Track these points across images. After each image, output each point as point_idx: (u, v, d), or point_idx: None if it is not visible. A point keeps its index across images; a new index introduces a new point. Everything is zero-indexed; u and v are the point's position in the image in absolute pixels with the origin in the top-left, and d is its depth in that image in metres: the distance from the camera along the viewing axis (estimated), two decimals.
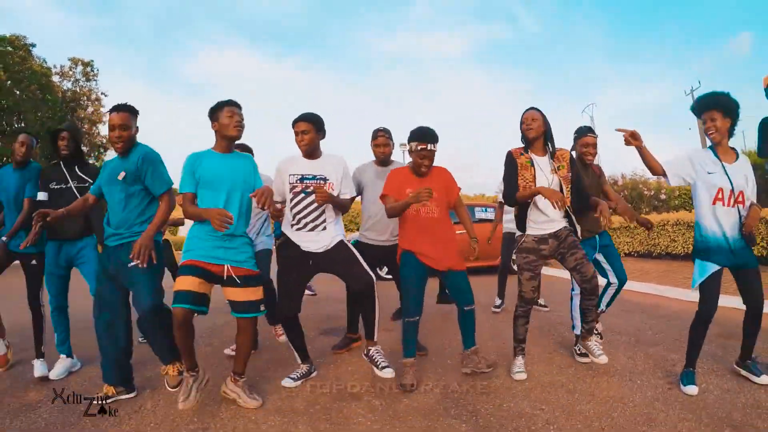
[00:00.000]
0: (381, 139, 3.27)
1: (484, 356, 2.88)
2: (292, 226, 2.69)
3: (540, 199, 2.61)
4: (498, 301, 4.79)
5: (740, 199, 2.35)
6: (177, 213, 3.35)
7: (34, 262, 3.12)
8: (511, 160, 2.71)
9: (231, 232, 2.32)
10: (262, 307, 2.48)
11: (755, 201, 2.40)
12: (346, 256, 2.68)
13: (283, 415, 2.30)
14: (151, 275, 2.40)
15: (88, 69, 22.35)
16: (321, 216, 2.66)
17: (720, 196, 2.37)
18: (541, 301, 4.68)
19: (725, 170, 2.37)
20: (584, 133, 3.20)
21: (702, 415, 2.11)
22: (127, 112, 2.46)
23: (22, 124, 18.90)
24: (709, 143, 2.52)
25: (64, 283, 3.04)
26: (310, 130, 2.66)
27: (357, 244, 3.12)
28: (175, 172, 2.57)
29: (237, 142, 2.61)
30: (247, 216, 2.51)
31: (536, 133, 2.65)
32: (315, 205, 2.63)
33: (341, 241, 2.71)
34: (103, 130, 23.32)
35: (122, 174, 2.45)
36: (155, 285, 2.42)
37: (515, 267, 3.12)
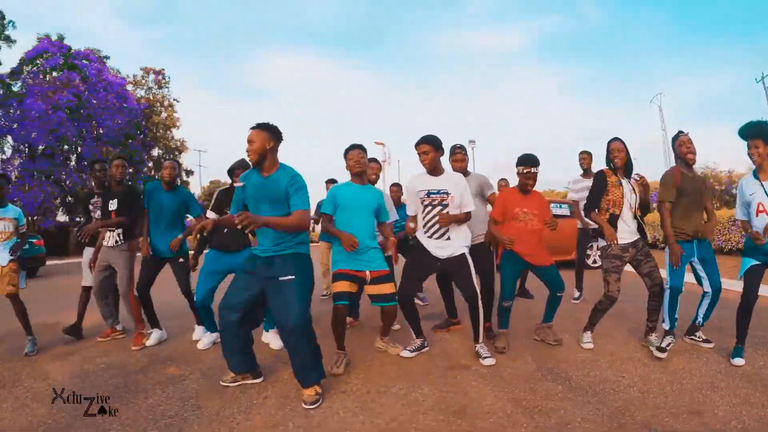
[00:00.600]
0: (459, 155, 3.84)
1: (554, 332, 3.61)
2: (424, 233, 3.29)
3: (625, 214, 3.25)
4: (576, 293, 5.32)
5: None
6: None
7: (181, 260, 4.01)
8: (603, 179, 3.31)
9: (361, 247, 3.11)
10: (396, 297, 3.28)
11: None
12: (463, 269, 3.25)
13: (406, 380, 2.88)
14: (304, 290, 2.63)
15: (160, 77, 24.24)
16: (445, 228, 3.23)
17: (761, 209, 2.94)
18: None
19: (764, 188, 2.95)
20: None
21: (758, 384, 2.65)
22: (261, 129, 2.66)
23: (101, 131, 20.72)
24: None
25: (213, 288, 3.67)
26: (430, 150, 3.21)
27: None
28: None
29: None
30: (372, 233, 3.30)
31: (621, 162, 3.28)
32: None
33: (463, 254, 3.27)
34: (177, 134, 25.26)
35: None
36: (306, 300, 2.63)
37: (589, 262, 3.76)
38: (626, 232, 3.26)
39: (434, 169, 3.28)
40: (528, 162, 3.46)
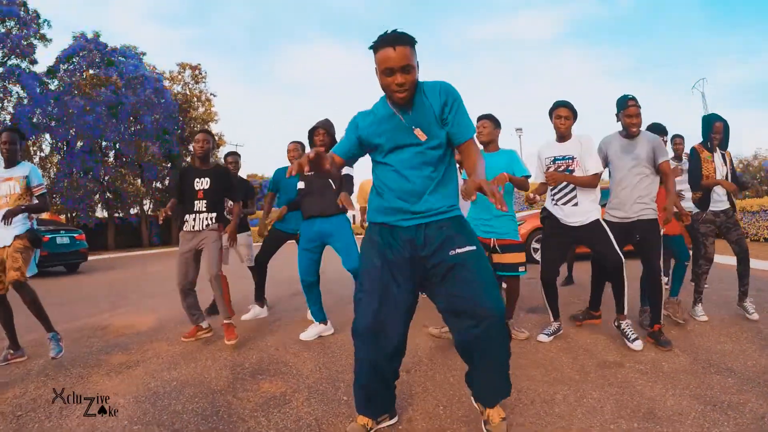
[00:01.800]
0: (632, 109, 2.92)
1: (683, 309, 3.44)
2: (552, 202, 3.12)
3: (718, 187, 3.41)
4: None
5: None
6: None
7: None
8: (696, 155, 3.47)
9: (496, 214, 3.01)
10: (522, 269, 3.07)
11: None
12: (600, 235, 2.90)
13: (564, 384, 2.33)
14: (487, 264, 1.79)
15: (197, 72, 23.93)
16: (572, 192, 2.98)
17: None
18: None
19: None
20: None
21: None
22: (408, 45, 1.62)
23: (139, 126, 20.55)
24: None
25: (311, 262, 3.35)
26: (570, 116, 2.99)
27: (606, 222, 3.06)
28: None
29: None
30: (507, 199, 3.07)
31: (718, 141, 3.47)
32: (565, 182, 2.96)
33: (597, 220, 2.93)
34: (215, 128, 24.96)
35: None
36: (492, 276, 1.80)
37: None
38: (717, 201, 3.47)
39: (564, 136, 3.05)
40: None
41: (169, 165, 22.16)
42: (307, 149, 3.83)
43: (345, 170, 3.28)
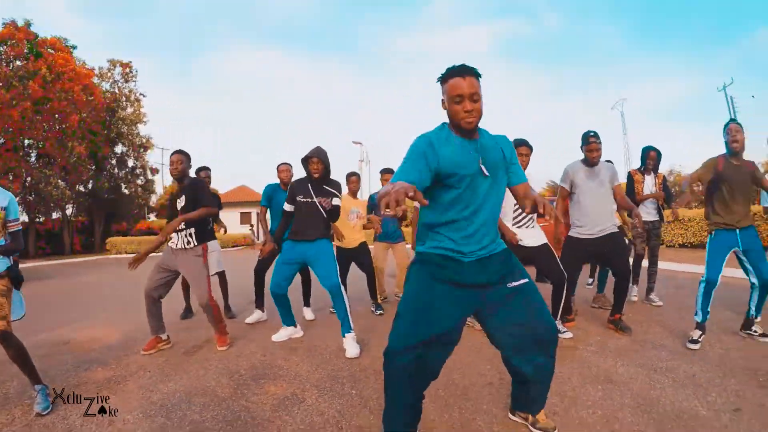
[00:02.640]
0: (593, 144, 3.46)
1: (608, 301, 4.47)
2: (513, 224, 3.44)
3: (649, 201, 4.53)
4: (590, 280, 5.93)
5: None
6: None
7: None
8: (630, 178, 4.53)
9: None
10: None
11: None
12: (549, 255, 3.35)
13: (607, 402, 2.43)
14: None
15: (127, 70, 22.52)
16: (530, 218, 3.45)
17: None
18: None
19: None
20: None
21: None
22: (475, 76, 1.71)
23: (65, 125, 18.97)
24: None
25: (287, 277, 3.46)
26: (529, 153, 3.46)
27: (569, 239, 3.60)
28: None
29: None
30: None
31: (652, 166, 4.51)
32: None
33: (546, 243, 3.39)
34: (143, 130, 23.54)
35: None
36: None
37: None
38: (646, 213, 4.47)
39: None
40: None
41: (93, 167, 20.56)
42: (295, 170, 4.41)
43: (335, 201, 3.49)
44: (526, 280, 1.81)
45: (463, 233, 1.73)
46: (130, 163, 23.15)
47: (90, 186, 21.56)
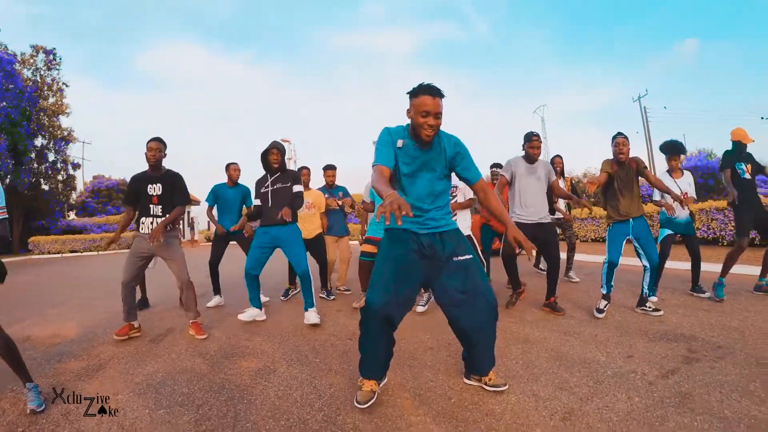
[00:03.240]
0: (535, 142, 4.03)
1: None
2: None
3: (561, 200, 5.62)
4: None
5: (686, 196, 4.41)
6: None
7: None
8: None
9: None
10: None
11: (694, 195, 4.60)
12: (472, 244, 3.97)
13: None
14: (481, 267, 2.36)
15: (51, 57, 20.97)
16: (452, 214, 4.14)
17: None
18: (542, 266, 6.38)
19: (676, 183, 4.54)
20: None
21: None
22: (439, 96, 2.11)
23: None
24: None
25: (260, 259, 3.90)
26: None
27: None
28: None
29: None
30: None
31: (560, 171, 5.70)
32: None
33: (469, 235, 4.14)
34: (65, 122, 22.00)
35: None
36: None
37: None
38: (558, 211, 5.56)
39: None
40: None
41: (12, 163, 19.02)
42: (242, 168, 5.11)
43: (296, 188, 3.87)
44: (471, 256, 2.25)
45: (415, 214, 2.19)
46: (51, 157, 21.57)
47: (8, 181, 19.92)
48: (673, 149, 4.56)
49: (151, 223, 3.56)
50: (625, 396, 2.22)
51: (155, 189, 3.59)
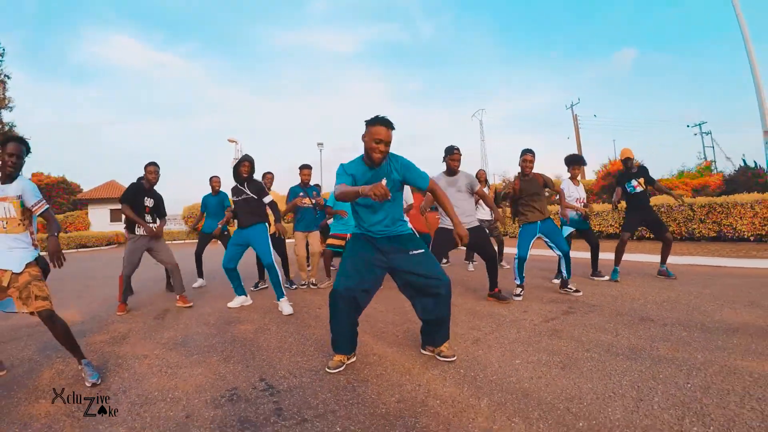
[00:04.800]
0: (456, 155, 4.42)
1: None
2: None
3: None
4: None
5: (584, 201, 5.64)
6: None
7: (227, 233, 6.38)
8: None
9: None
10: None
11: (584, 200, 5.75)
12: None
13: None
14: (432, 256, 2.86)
15: None
16: None
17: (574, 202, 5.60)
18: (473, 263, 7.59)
19: (576, 189, 5.65)
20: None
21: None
22: None
23: None
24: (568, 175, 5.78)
25: (235, 256, 4.69)
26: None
27: (440, 230, 4.53)
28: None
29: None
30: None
31: (484, 180, 7.28)
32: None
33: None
34: (7, 116, 20.93)
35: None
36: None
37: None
38: (482, 213, 6.95)
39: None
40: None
41: None
42: (224, 181, 6.52)
43: (267, 198, 4.78)
44: (423, 250, 2.83)
45: (369, 222, 2.81)
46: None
47: None
48: (574, 161, 5.61)
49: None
50: (515, 331, 3.41)
51: (149, 201, 4.91)
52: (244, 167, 4.75)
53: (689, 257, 7.23)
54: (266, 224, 4.78)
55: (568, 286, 4.79)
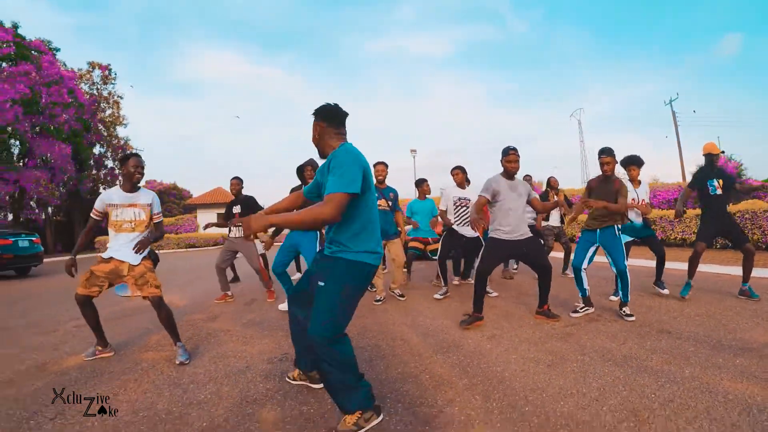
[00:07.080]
0: (512, 156, 4.13)
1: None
2: (455, 223, 5.60)
3: (555, 210, 7.21)
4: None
5: (643, 203, 5.15)
6: None
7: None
8: (545, 193, 7.20)
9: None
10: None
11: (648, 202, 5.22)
12: (480, 245, 5.31)
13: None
14: (330, 298, 2.16)
15: (106, 72, 23.97)
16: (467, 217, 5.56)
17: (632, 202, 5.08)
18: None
19: (636, 191, 5.17)
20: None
21: None
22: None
23: (51, 127, 20.27)
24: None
25: (285, 260, 4.63)
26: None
27: (491, 240, 4.24)
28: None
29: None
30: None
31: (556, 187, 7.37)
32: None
33: (478, 237, 5.53)
34: (122, 132, 24.94)
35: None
36: (333, 310, 2.15)
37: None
38: (552, 220, 7.19)
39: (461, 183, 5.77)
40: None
41: (76, 169, 21.98)
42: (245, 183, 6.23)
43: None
44: (323, 283, 2.19)
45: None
46: (109, 164, 24.64)
47: (69, 185, 22.90)
48: (632, 162, 5.12)
49: (237, 230, 5.80)
50: (531, 332, 3.92)
51: (236, 209, 5.94)
52: (307, 172, 4.82)
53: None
54: (318, 231, 4.68)
55: (623, 309, 4.28)
